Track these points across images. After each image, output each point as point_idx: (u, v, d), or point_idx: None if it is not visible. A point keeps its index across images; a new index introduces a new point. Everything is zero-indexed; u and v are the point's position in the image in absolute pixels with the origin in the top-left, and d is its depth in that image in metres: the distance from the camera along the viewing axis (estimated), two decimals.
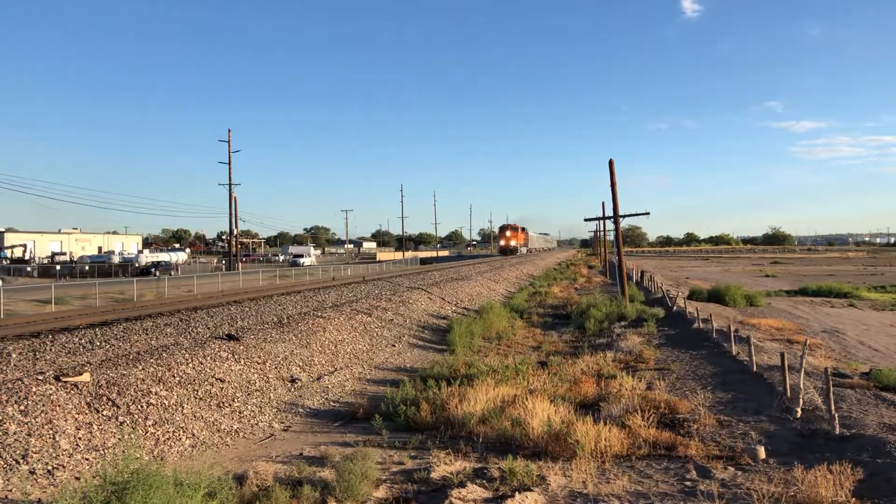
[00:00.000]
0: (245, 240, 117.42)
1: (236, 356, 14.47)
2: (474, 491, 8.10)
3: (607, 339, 22.49)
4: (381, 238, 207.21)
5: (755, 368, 15.39)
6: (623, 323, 25.51)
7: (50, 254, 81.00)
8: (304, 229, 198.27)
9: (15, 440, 8.67)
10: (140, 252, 74.57)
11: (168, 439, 10.30)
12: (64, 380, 10.49)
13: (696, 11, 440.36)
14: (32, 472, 8.20)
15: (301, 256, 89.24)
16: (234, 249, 65.71)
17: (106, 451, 9.25)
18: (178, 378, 12.26)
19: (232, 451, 10.56)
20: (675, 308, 29.04)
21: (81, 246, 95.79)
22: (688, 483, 8.56)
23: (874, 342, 26.35)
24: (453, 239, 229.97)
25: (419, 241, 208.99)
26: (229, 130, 59.97)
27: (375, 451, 9.94)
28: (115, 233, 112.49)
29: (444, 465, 9.12)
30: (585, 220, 40.44)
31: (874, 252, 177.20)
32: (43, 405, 9.59)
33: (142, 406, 10.79)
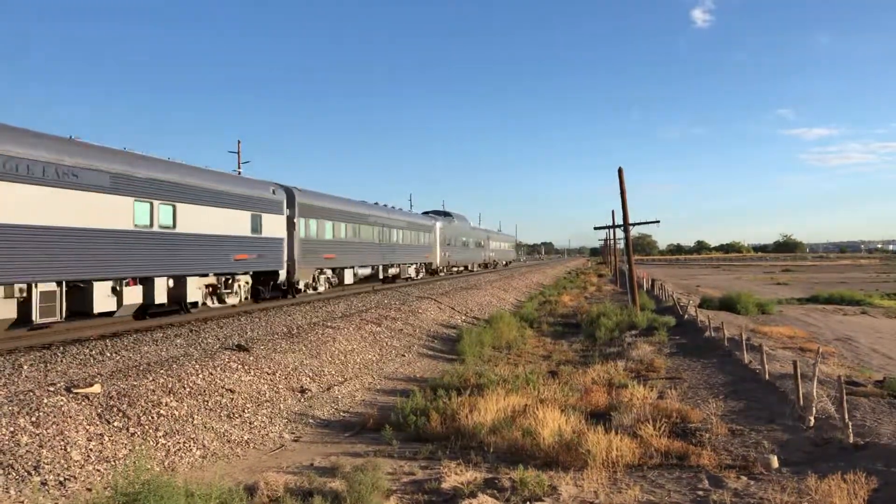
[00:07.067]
0: None
1: (246, 367, 14.51)
2: (485, 501, 8.07)
3: (618, 348, 22.36)
4: None
5: (767, 377, 15.27)
6: (634, 332, 25.35)
7: None
8: None
9: (27, 451, 8.71)
10: None
11: (179, 450, 10.32)
12: (75, 391, 10.55)
13: (706, 21, 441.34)
14: (44, 484, 8.24)
15: None
16: None
17: (117, 462, 9.28)
18: (188, 389, 12.30)
19: (242, 461, 10.57)
20: (686, 316, 28.88)
21: None
22: (700, 492, 8.49)
23: (888, 350, 26.08)
24: None
25: None
26: (238, 142, 60.25)
27: (386, 461, 9.93)
28: None
29: (455, 476, 9.09)
30: (595, 228, 40.47)
31: (887, 259, 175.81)
32: (54, 416, 9.64)
33: (152, 417, 10.83)
